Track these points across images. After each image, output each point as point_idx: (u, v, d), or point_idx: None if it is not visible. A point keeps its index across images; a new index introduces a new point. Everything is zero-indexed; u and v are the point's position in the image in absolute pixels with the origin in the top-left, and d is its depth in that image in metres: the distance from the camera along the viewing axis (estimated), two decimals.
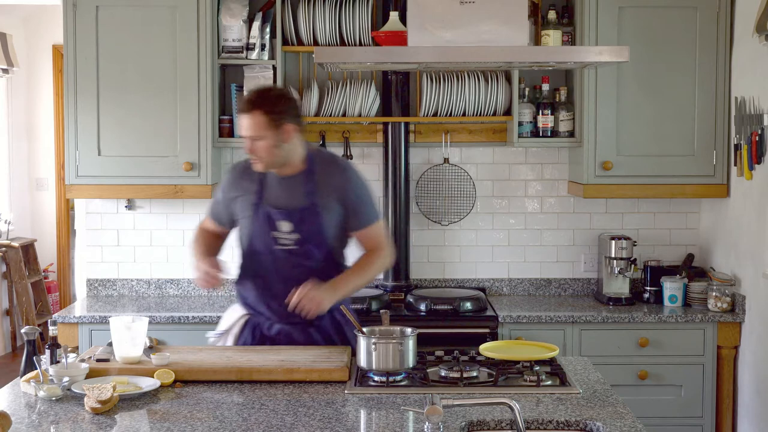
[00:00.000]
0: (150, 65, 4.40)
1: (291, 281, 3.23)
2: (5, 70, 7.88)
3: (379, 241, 3.37)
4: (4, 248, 7.75)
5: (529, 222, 4.85)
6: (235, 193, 3.36)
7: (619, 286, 4.58)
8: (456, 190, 4.74)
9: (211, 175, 4.43)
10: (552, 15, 4.41)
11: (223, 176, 3.54)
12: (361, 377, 2.95)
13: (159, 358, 2.98)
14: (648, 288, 4.59)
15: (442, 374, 2.96)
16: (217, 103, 4.53)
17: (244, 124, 3.19)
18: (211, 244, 3.45)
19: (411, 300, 4.43)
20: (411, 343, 2.95)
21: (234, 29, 4.47)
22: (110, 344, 3.09)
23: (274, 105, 3.18)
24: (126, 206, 4.78)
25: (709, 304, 4.38)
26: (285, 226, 3.26)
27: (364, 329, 3.01)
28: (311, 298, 3.13)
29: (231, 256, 3.50)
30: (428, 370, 3.00)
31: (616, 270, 4.54)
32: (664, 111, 4.44)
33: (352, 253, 3.43)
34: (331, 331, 3.35)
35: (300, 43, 4.54)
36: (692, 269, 4.62)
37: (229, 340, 3.40)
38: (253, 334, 3.37)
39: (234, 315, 3.46)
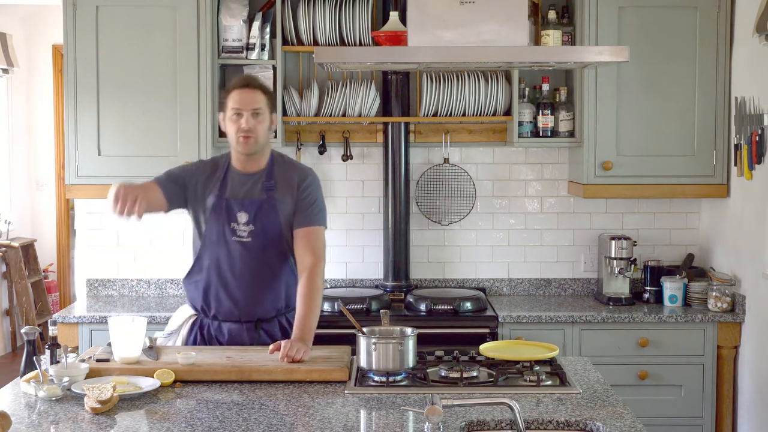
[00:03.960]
0: (150, 65, 4.40)
1: (244, 276, 3.27)
2: (5, 70, 7.88)
3: (315, 247, 3.30)
4: (4, 248, 7.75)
5: (529, 222, 4.85)
6: (200, 177, 3.34)
7: (619, 286, 4.58)
8: (456, 190, 4.74)
9: None
10: (552, 15, 4.41)
11: (183, 165, 3.51)
12: (361, 377, 2.95)
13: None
14: (648, 288, 4.59)
15: (442, 374, 2.96)
16: (217, 103, 4.53)
17: (245, 98, 3.25)
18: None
19: (411, 300, 4.43)
20: (411, 343, 2.95)
21: (234, 29, 4.47)
22: (110, 344, 3.09)
23: (270, 91, 3.38)
24: None
25: (709, 304, 4.38)
26: (242, 217, 3.29)
27: (364, 329, 3.01)
28: (297, 349, 3.04)
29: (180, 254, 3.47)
30: (428, 370, 3.00)
31: (616, 270, 4.54)
32: (664, 111, 4.44)
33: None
34: (279, 335, 3.35)
35: (300, 43, 4.54)
36: (692, 269, 4.62)
37: (178, 341, 3.40)
38: (201, 335, 3.37)
39: (182, 315, 3.45)
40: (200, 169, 3.40)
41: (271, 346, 3.12)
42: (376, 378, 2.92)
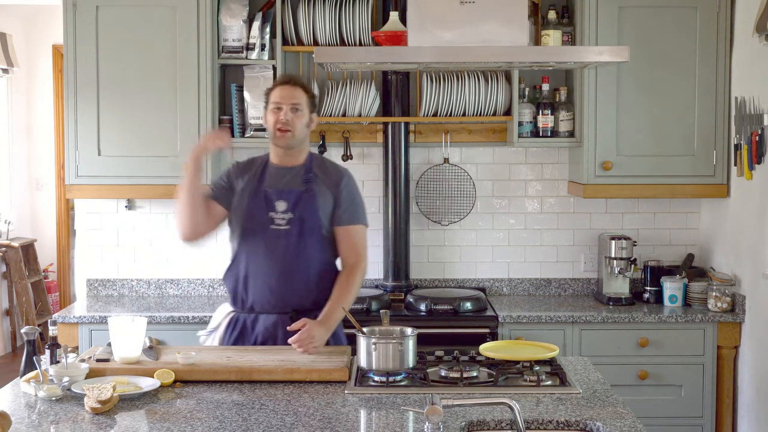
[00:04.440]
0: (150, 65, 4.40)
1: (280, 263, 3.31)
2: (5, 70, 7.88)
3: (356, 246, 3.40)
4: (4, 248, 7.75)
5: (529, 222, 4.85)
6: (239, 180, 3.42)
7: (619, 286, 4.58)
8: (456, 190, 4.74)
9: (211, 175, 4.41)
10: (552, 15, 4.41)
11: (225, 169, 3.54)
12: (361, 377, 2.95)
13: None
14: (648, 288, 4.59)
15: (442, 374, 2.96)
16: (217, 103, 4.53)
17: (286, 93, 3.35)
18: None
19: (411, 300, 4.43)
20: (411, 343, 2.95)
21: (234, 29, 4.47)
22: (110, 344, 3.09)
23: (311, 90, 3.46)
24: (126, 206, 4.78)
25: (709, 304, 4.38)
26: (281, 206, 3.33)
27: (364, 329, 3.01)
28: (310, 338, 3.15)
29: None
30: (428, 370, 3.00)
31: (616, 270, 4.54)
32: (664, 111, 4.44)
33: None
34: None
35: (300, 43, 4.54)
36: (692, 269, 4.62)
37: (216, 339, 3.43)
38: (240, 331, 3.39)
39: (222, 313, 3.49)
40: (240, 168, 3.47)
41: (296, 323, 3.18)
42: (376, 378, 2.92)
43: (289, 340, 3.17)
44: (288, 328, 3.23)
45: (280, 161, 3.42)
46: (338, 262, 3.46)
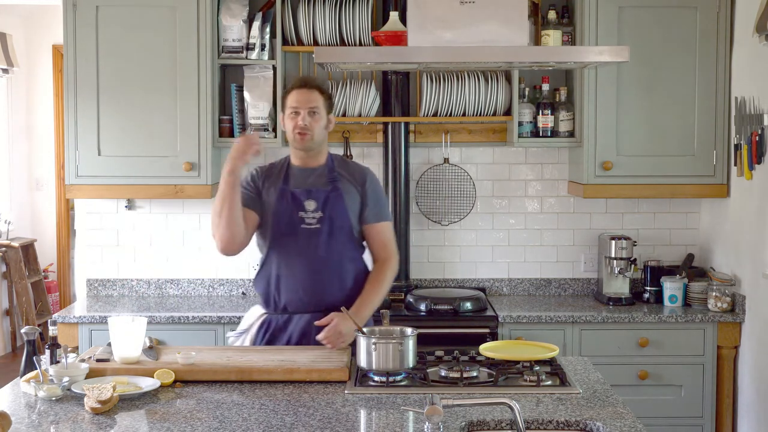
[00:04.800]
0: (150, 65, 4.40)
1: (311, 262, 3.32)
2: (5, 70, 7.88)
3: (386, 243, 3.47)
4: (4, 248, 7.75)
5: (529, 222, 4.85)
6: (264, 184, 3.42)
7: (619, 286, 4.58)
8: (456, 190, 4.74)
9: (211, 175, 4.43)
10: (552, 15, 4.41)
11: (246, 175, 3.48)
12: (361, 377, 2.95)
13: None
14: (648, 288, 4.59)
15: (442, 374, 2.96)
16: (217, 103, 4.53)
17: (303, 97, 3.36)
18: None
19: (411, 300, 4.43)
20: (411, 343, 2.95)
21: (234, 29, 4.47)
22: (110, 344, 3.09)
23: (328, 92, 3.46)
24: (126, 206, 4.78)
25: (709, 304, 4.38)
26: (311, 205, 3.36)
27: (364, 329, 3.01)
28: (338, 334, 3.19)
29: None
30: (428, 370, 3.00)
31: (616, 270, 4.54)
32: (664, 111, 4.44)
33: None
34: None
35: (300, 43, 4.54)
36: (692, 269, 4.62)
37: (247, 341, 3.43)
38: (272, 333, 3.39)
39: (253, 315, 3.49)
40: (262, 172, 3.46)
41: (324, 319, 3.21)
42: (376, 378, 2.92)
43: (318, 337, 3.19)
44: (315, 323, 3.24)
45: (302, 163, 3.43)
46: (366, 257, 3.49)
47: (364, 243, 3.48)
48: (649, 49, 4.39)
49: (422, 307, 4.33)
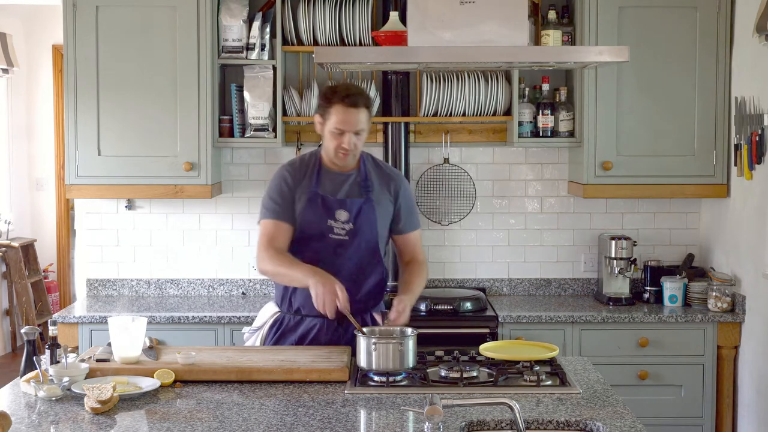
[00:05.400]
0: (150, 65, 4.40)
1: (337, 272, 3.23)
2: (5, 70, 7.88)
3: (417, 250, 3.47)
4: (4, 248, 7.75)
5: (529, 222, 4.85)
6: (298, 187, 3.34)
7: (619, 286, 4.58)
8: (456, 190, 4.74)
9: (211, 175, 4.43)
10: (552, 15, 4.41)
11: (276, 180, 3.39)
12: (361, 377, 2.95)
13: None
14: (648, 288, 4.59)
15: (442, 374, 2.96)
16: (217, 103, 4.53)
17: (351, 118, 3.21)
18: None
19: None
20: (411, 343, 2.95)
21: (234, 29, 4.47)
22: (110, 344, 3.09)
23: (371, 103, 3.35)
24: (126, 206, 4.78)
25: (709, 304, 4.38)
26: (342, 215, 3.31)
27: (364, 329, 3.02)
28: (406, 315, 3.20)
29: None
30: (428, 370, 3.00)
31: (616, 270, 4.54)
32: (664, 111, 4.44)
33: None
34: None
35: (300, 43, 4.54)
36: (692, 269, 4.62)
37: (259, 338, 3.43)
38: (282, 331, 3.38)
39: (267, 312, 3.48)
40: (295, 172, 3.36)
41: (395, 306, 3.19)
42: (376, 378, 2.92)
43: (389, 316, 3.16)
44: (389, 316, 3.18)
45: (334, 166, 3.35)
46: (387, 264, 3.50)
47: (386, 248, 3.46)
48: (649, 49, 4.39)
49: (422, 307, 4.33)
